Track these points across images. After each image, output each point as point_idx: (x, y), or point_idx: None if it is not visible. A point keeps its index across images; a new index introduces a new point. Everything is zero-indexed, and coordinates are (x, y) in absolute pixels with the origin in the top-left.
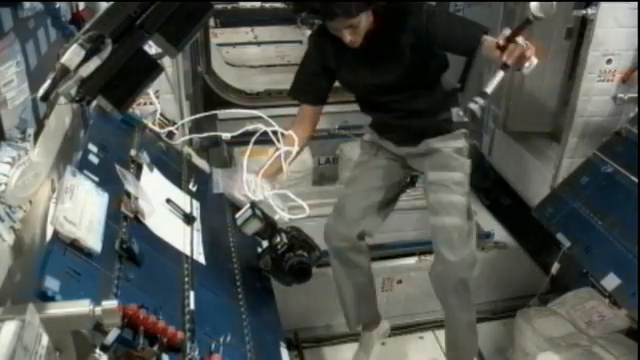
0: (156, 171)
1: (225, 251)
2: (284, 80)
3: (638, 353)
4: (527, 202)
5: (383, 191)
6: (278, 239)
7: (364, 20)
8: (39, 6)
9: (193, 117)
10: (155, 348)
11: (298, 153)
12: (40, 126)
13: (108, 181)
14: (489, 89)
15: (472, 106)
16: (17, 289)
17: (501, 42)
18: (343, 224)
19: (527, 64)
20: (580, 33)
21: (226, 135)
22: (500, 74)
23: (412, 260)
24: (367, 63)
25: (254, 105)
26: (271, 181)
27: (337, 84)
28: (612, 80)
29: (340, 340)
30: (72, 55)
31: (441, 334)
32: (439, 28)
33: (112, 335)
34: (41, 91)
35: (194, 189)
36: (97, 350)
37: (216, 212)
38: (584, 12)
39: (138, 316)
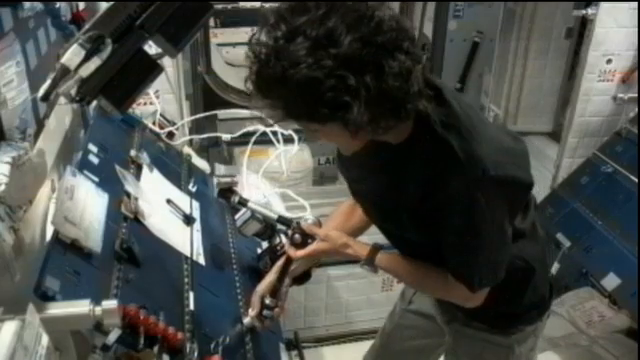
0: (156, 171)
1: (225, 252)
2: None
3: (638, 353)
4: None
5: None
6: (278, 240)
7: (339, 133)
8: (39, 6)
9: (193, 117)
10: (155, 349)
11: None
12: (40, 126)
13: (108, 181)
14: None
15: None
16: (17, 289)
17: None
18: None
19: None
20: (580, 33)
21: (226, 136)
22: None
23: None
24: (368, 176)
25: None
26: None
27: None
28: (612, 80)
29: (340, 340)
30: (72, 55)
31: None
32: (450, 218)
33: (113, 335)
34: (41, 91)
35: (194, 190)
36: (98, 350)
37: (216, 213)
38: (584, 12)
39: (138, 316)
